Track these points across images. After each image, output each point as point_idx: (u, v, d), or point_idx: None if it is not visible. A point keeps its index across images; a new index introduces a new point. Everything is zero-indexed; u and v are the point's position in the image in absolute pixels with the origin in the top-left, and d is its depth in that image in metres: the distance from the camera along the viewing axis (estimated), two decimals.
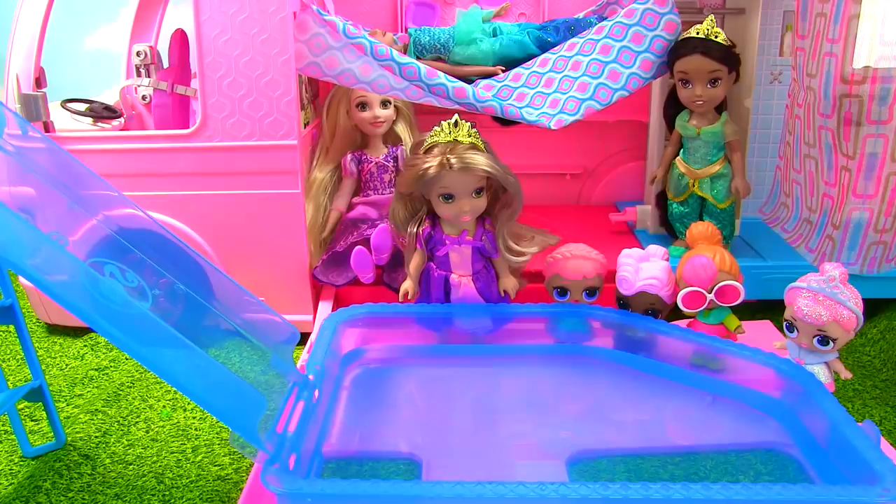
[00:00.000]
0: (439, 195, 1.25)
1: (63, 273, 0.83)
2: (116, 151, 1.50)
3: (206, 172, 1.49)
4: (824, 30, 1.48)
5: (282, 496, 0.86)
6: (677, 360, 1.24)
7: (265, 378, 1.02)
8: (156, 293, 0.98)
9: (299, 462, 0.94)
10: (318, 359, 1.16)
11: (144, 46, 1.77)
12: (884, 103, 1.44)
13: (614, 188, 2.10)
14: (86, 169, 1.09)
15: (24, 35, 1.50)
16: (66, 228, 0.97)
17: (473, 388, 1.28)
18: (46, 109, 1.52)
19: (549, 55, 1.61)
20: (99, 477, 1.17)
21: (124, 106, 1.79)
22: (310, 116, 1.67)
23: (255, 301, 1.14)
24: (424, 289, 1.36)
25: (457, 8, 1.88)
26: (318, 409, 1.09)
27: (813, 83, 1.53)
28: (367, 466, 1.09)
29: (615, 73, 1.55)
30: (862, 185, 1.51)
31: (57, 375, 1.47)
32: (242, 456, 1.18)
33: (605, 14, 1.75)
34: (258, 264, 1.54)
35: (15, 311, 1.16)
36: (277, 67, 1.42)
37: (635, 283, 1.26)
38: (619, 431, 1.16)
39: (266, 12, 1.40)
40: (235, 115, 1.45)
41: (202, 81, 1.44)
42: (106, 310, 0.82)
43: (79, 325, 1.63)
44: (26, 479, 1.17)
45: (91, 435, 1.27)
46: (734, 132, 1.59)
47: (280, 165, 1.48)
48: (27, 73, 1.48)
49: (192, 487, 1.13)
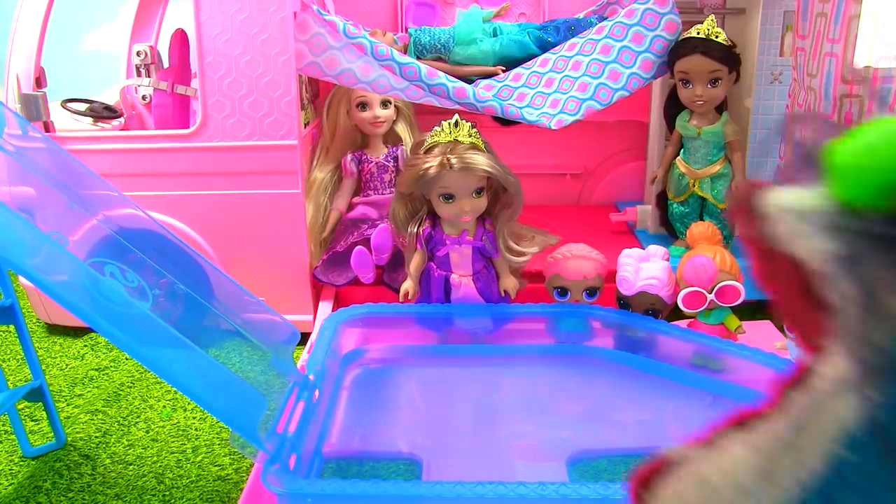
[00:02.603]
0: (439, 195, 1.25)
1: (63, 273, 0.83)
2: (116, 151, 1.50)
3: (206, 172, 1.49)
4: (825, 30, 1.48)
5: (282, 496, 0.86)
6: (677, 360, 1.24)
7: (265, 378, 1.02)
8: (156, 293, 0.98)
9: (299, 462, 0.94)
10: (319, 359, 1.16)
11: (144, 46, 1.77)
12: (884, 103, 1.44)
13: (614, 188, 2.10)
14: (86, 169, 1.09)
15: (24, 35, 1.50)
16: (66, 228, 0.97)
17: (474, 388, 1.28)
18: (46, 109, 1.51)
19: (549, 55, 1.61)
20: (99, 477, 1.17)
21: (124, 106, 1.79)
22: (310, 116, 1.67)
23: (256, 301, 1.14)
24: (424, 289, 1.36)
25: (457, 8, 1.88)
26: (318, 409, 1.09)
27: (813, 83, 1.53)
28: (367, 466, 1.09)
29: (615, 73, 1.55)
30: None
31: (57, 375, 1.47)
32: (242, 456, 1.18)
33: (605, 14, 1.75)
34: (258, 264, 1.54)
35: (15, 311, 1.16)
36: (278, 67, 1.42)
37: (635, 283, 1.26)
38: (620, 431, 1.16)
39: (266, 12, 1.40)
40: (235, 115, 1.45)
41: (202, 81, 1.44)
42: (106, 310, 0.82)
43: (79, 325, 1.63)
44: (26, 479, 1.17)
45: (91, 435, 1.27)
46: (734, 132, 1.59)
47: (280, 165, 1.48)
48: (27, 73, 1.48)
49: (193, 487, 1.13)
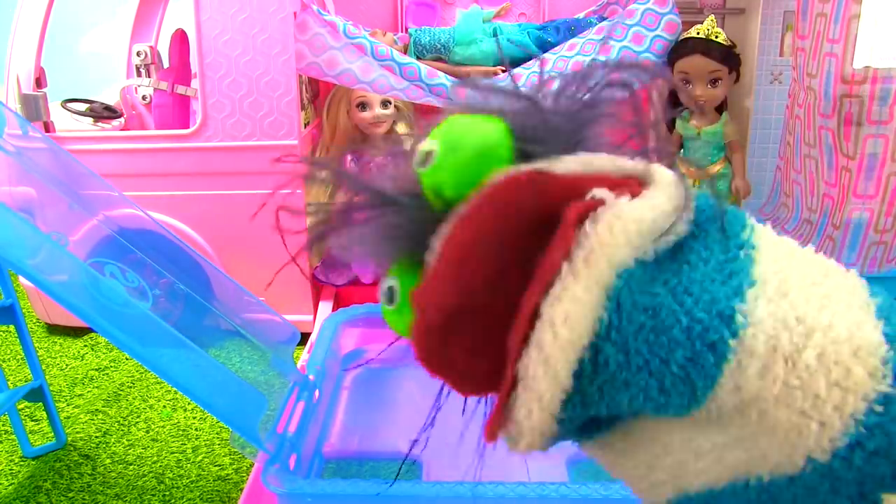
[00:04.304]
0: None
1: (63, 273, 0.83)
2: (116, 151, 1.50)
3: (206, 172, 1.49)
4: (825, 30, 1.48)
5: (282, 496, 0.86)
6: None
7: (265, 378, 1.03)
8: (156, 293, 0.98)
9: (299, 462, 0.94)
10: (319, 359, 1.16)
11: (144, 46, 1.77)
12: (884, 103, 1.44)
13: None
14: (86, 169, 1.09)
15: (24, 35, 1.50)
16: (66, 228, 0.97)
17: None
18: (47, 109, 1.51)
19: (549, 55, 1.61)
20: (99, 477, 1.17)
21: (124, 106, 1.79)
22: (310, 116, 1.66)
23: (256, 301, 1.14)
24: None
25: (457, 8, 1.88)
26: (318, 409, 1.09)
27: (813, 83, 1.53)
28: (367, 466, 1.09)
29: None
30: (862, 186, 1.51)
31: (57, 375, 1.47)
32: (243, 456, 1.18)
33: (605, 14, 1.75)
34: (258, 264, 1.54)
35: (15, 311, 1.16)
36: (278, 67, 1.42)
37: None
38: None
39: (266, 12, 1.40)
40: (235, 115, 1.45)
41: (202, 81, 1.44)
42: (106, 310, 0.82)
43: (79, 325, 1.63)
44: (26, 479, 1.17)
45: (91, 435, 1.27)
46: (734, 132, 1.59)
47: (280, 165, 1.48)
48: (27, 73, 1.48)
49: (193, 487, 1.13)
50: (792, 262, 0.29)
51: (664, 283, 0.27)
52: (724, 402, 0.27)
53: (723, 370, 0.26)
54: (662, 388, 0.27)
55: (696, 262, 0.28)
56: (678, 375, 0.26)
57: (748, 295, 0.27)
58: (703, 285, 0.27)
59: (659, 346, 0.26)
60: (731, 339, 0.26)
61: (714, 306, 0.26)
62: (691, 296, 0.27)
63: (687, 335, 0.26)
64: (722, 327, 0.26)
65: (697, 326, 0.26)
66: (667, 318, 0.26)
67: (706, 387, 0.26)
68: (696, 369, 0.26)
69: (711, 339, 0.26)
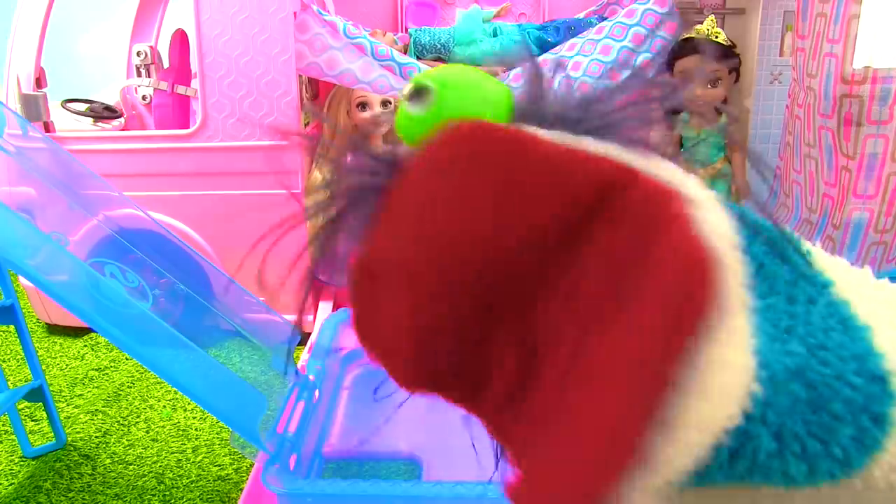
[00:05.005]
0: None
1: (63, 273, 0.83)
2: (116, 151, 1.50)
3: (206, 172, 1.49)
4: (824, 30, 1.48)
5: (282, 496, 0.86)
6: None
7: (265, 378, 1.03)
8: (156, 293, 0.98)
9: (299, 462, 0.94)
10: (319, 359, 1.16)
11: (144, 46, 1.77)
12: (884, 103, 1.44)
13: None
14: (86, 169, 1.09)
15: (24, 35, 1.50)
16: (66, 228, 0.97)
17: None
18: (46, 109, 1.51)
19: (549, 55, 1.61)
20: (99, 477, 1.17)
21: (124, 106, 1.79)
22: (310, 116, 1.66)
23: (255, 301, 1.14)
24: None
25: (457, 8, 1.88)
26: (318, 409, 1.09)
27: (813, 83, 1.53)
28: (367, 466, 1.09)
29: (615, 73, 1.55)
30: (862, 186, 1.51)
31: (57, 375, 1.47)
32: (243, 456, 1.18)
33: (605, 14, 1.75)
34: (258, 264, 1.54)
35: (15, 311, 1.16)
36: (278, 67, 1.42)
37: None
38: None
39: (266, 12, 1.40)
40: (235, 115, 1.45)
41: (202, 81, 1.44)
42: (106, 310, 0.82)
43: (79, 325, 1.63)
44: (26, 479, 1.17)
45: (91, 435, 1.27)
46: (734, 132, 1.59)
47: (280, 165, 1.48)
48: (27, 73, 1.48)
49: (193, 487, 1.13)
50: (862, 291, 0.23)
51: (787, 330, 0.21)
52: (875, 481, 0.22)
53: (883, 445, 0.21)
54: (813, 471, 0.21)
55: (800, 298, 0.22)
56: (837, 458, 0.21)
57: (876, 345, 0.21)
58: (828, 335, 0.21)
59: (819, 427, 0.20)
60: (892, 408, 0.21)
61: (862, 365, 0.21)
62: (828, 350, 0.21)
63: (849, 408, 0.20)
64: (883, 394, 0.21)
65: (858, 397, 0.21)
66: (821, 386, 0.20)
67: (860, 465, 0.21)
68: (859, 447, 0.21)
69: (875, 410, 0.21)
